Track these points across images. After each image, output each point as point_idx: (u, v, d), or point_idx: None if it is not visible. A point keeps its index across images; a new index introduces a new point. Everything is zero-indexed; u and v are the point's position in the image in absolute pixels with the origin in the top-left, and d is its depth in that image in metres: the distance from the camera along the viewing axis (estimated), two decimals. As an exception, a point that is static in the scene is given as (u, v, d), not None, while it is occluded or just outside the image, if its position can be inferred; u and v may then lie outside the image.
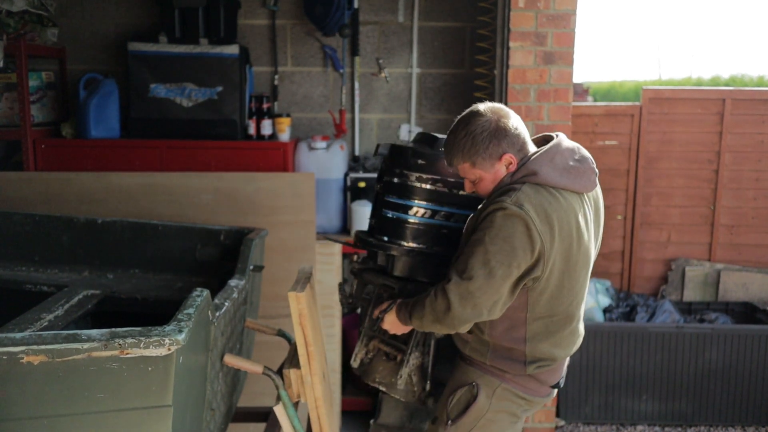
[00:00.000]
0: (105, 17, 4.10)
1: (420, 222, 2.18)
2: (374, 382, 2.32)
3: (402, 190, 2.19)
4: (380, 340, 2.33)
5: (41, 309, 2.25)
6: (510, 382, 2.11)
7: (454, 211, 2.16)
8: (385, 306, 2.19)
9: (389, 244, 2.21)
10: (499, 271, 1.89)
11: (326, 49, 4.11)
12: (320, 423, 2.19)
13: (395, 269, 2.23)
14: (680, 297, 4.49)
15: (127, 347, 1.46)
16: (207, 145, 3.74)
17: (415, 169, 2.17)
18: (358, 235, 2.35)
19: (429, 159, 2.16)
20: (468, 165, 1.99)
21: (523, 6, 3.36)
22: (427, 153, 2.17)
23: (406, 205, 2.18)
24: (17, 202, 3.36)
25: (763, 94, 4.55)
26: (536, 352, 2.07)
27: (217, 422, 2.13)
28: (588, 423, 4.01)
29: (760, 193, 4.51)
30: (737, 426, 3.99)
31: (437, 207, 2.17)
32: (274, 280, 3.24)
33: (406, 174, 2.18)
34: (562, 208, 1.95)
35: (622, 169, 4.48)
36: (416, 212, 2.17)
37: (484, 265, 1.90)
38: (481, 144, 1.95)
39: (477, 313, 1.95)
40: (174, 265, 2.82)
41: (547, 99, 3.43)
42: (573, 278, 2.01)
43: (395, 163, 2.21)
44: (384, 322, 2.19)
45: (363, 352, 2.35)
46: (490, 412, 2.12)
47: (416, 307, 2.07)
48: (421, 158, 2.16)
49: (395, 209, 2.20)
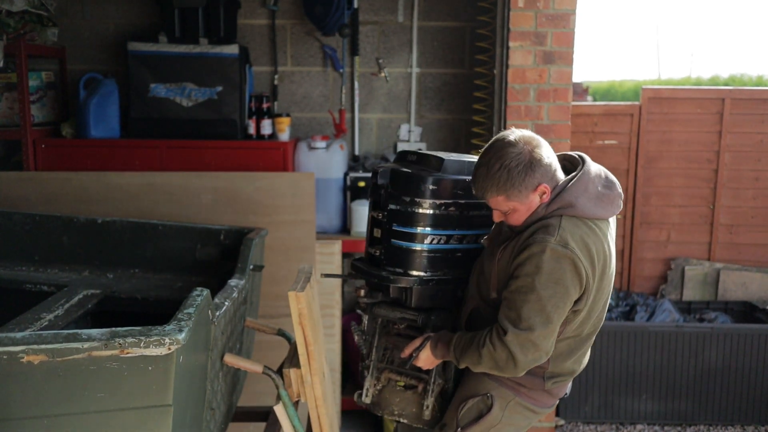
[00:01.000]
0: (105, 17, 4.10)
1: (435, 249, 2.08)
2: (393, 414, 2.22)
3: (412, 219, 2.06)
4: (392, 371, 2.25)
5: (41, 309, 2.25)
6: (524, 396, 2.10)
7: (467, 233, 2.10)
8: (418, 343, 2.12)
9: (405, 276, 2.09)
10: (555, 315, 1.90)
11: (326, 49, 4.11)
12: (320, 422, 2.19)
13: (413, 301, 2.12)
14: (680, 296, 4.50)
15: (128, 347, 1.47)
16: (207, 145, 3.74)
17: (427, 195, 2.04)
18: (361, 268, 2.20)
19: (439, 184, 2.04)
20: (503, 198, 1.92)
21: (522, 6, 3.36)
22: (437, 177, 2.04)
23: (418, 234, 2.06)
24: (17, 202, 3.36)
25: (763, 93, 4.55)
26: (558, 369, 2.08)
27: (218, 422, 2.13)
28: (588, 422, 4.01)
29: (760, 193, 4.51)
30: (737, 425, 3.99)
31: (451, 231, 2.08)
32: (274, 279, 3.25)
33: (418, 202, 2.04)
34: (599, 238, 1.95)
35: (622, 169, 4.48)
36: (431, 240, 2.07)
37: (541, 313, 1.88)
38: (517, 177, 1.88)
39: (540, 357, 1.95)
40: (174, 264, 2.82)
41: (547, 99, 3.43)
42: (603, 300, 2.04)
43: (403, 191, 2.07)
44: (418, 360, 2.12)
45: (374, 386, 2.25)
46: (501, 424, 2.12)
47: (468, 353, 2.00)
48: (432, 184, 2.04)
49: (406, 239, 2.07)
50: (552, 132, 3.45)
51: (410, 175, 2.07)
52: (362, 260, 2.24)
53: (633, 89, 12.42)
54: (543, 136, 3.39)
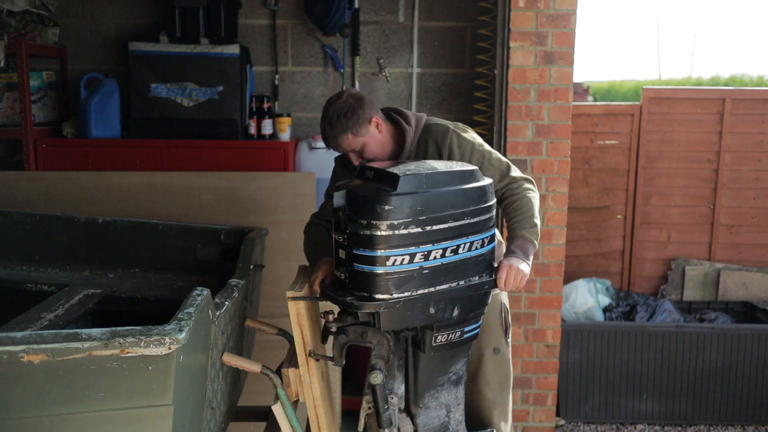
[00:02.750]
0: (106, 17, 4.11)
1: (399, 270, 1.95)
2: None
3: (371, 242, 1.93)
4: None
5: (42, 308, 2.25)
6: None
7: (431, 248, 1.97)
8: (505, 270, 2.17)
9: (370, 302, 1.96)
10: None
11: (327, 49, 4.11)
12: (319, 422, 2.19)
13: (382, 325, 2.01)
14: (680, 296, 4.50)
15: (128, 346, 1.47)
16: (208, 145, 3.74)
17: (383, 217, 1.91)
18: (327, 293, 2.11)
19: (395, 204, 1.91)
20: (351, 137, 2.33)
21: (523, 6, 3.36)
22: (391, 197, 1.92)
23: (379, 257, 1.92)
24: (18, 202, 3.36)
25: (763, 93, 4.55)
26: None
27: (218, 421, 2.14)
28: (588, 422, 4.01)
29: (760, 193, 4.51)
30: (737, 425, 3.99)
31: (414, 250, 1.95)
32: (275, 279, 3.24)
33: (375, 224, 1.91)
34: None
35: (622, 169, 4.48)
36: (393, 261, 1.94)
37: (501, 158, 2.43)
38: (352, 116, 2.31)
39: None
40: (174, 264, 2.82)
41: (547, 99, 3.43)
42: None
43: (359, 214, 1.94)
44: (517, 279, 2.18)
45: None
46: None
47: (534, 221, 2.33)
48: (387, 204, 1.91)
49: (368, 263, 1.94)
50: (552, 132, 3.46)
51: (365, 198, 1.95)
52: (331, 284, 2.14)
53: (633, 89, 12.42)
54: (543, 136, 3.45)
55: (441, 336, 2.09)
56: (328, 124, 2.32)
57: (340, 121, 2.30)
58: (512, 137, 3.46)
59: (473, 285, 2.07)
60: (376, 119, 2.35)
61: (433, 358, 2.16)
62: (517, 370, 3.64)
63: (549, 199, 3.50)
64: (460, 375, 2.27)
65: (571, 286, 4.19)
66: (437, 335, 2.08)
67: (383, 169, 2.05)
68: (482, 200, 2.05)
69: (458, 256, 2.02)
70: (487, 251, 2.10)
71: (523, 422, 3.68)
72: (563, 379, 3.90)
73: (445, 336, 2.10)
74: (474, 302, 2.11)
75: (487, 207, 2.06)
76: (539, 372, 3.66)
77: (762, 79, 12.12)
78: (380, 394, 2.11)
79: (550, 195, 3.50)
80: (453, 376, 2.25)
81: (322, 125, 2.35)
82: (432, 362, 2.17)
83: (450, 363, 2.22)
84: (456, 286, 2.03)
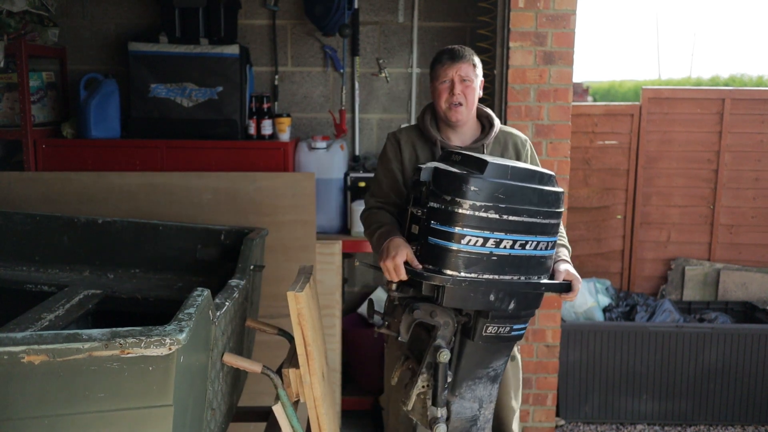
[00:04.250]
0: (105, 17, 4.11)
1: (471, 250, 2.06)
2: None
3: (451, 218, 2.06)
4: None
5: (42, 309, 2.25)
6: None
7: (504, 237, 2.07)
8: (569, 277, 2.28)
9: (439, 275, 2.09)
10: None
11: (326, 49, 4.11)
12: (319, 423, 2.19)
13: (444, 300, 2.11)
14: (680, 296, 4.50)
15: (128, 347, 1.47)
16: (207, 145, 3.74)
17: (468, 196, 2.04)
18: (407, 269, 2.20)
19: (480, 185, 2.05)
20: (474, 67, 2.46)
21: (523, 6, 3.36)
22: (478, 179, 2.06)
23: (455, 233, 2.06)
24: (18, 202, 3.36)
25: (763, 93, 4.55)
26: None
27: (218, 422, 2.14)
28: (588, 422, 4.01)
29: (760, 193, 4.52)
30: (737, 425, 3.99)
31: (489, 234, 2.06)
32: (275, 279, 3.24)
33: (458, 201, 2.05)
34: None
35: (622, 169, 4.49)
36: (468, 241, 2.06)
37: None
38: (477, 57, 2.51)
39: None
40: (174, 264, 2.82)
41: (547, 99, 3.44)
42: None
43: (444, 190, 2.08)
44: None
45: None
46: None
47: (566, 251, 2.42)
48: (473, 185, 2.04)
49: (444, 237, 2.08)
50: (552, 132, 3.46)
51: (453, 174, 2.08)
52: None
53: (633, 89, 12.43)
54: (543, 137, 3.45)
55: (492, 327, 2.17)
56: (460, 47, 2.46)
57: (472, 51, 2.47)
58: (512, 137, 3.46)
59: (532, 283, 2.16)
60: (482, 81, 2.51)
61: (478, 349, 2.22)
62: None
63: (549, 199, 3.49)
64: (498, 372, 2.31)
65: (571, 286, 4.18)
66: (489, 325, 2.16)
67: (472, 154, 2.22)
68: (555, 205, 2.15)
69: (525, 251, 2.12)
70: (549, 255, 2.20)
71: (523, 422, 3.68)
72: (563, 379, 3.90)
73: (496, 328, 2.18)
74: (530, 300, 2.20)
75: (557, 212, 2.17)
76: (539, 372, 3.67)
77: (762, 79, 12.13)
78: (442, 373, 2.17)
79: (550, 195, 3.49)
80: (492, 372, 2.29)
81: (453, 48, 2.46)
82: (476, 353, 2.23)
83: (492, 358, 2.27)
84: (517, 280, 2.13)
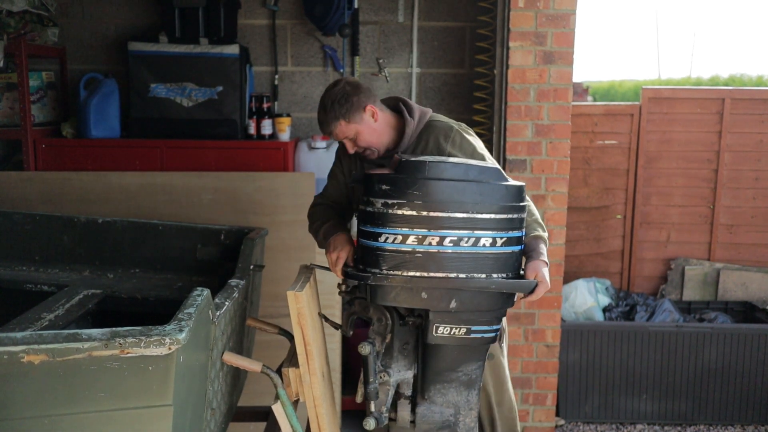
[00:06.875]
0: (105, 17, 4.11)
1: (391, 248, 2.04)
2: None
3: (370, 217, 2.09)
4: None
5: (42, 308, 2.25)
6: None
7: (426, 233, 2.01)
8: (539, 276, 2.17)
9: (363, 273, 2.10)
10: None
11: (326, 49, 4.11)
12: (319, 422, 2.19)
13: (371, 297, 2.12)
14: (680, 296, 4.50)
15: (128, 347, 1.47)
16: (207, 145, 3.74)
17: (378, 194, 2.05)
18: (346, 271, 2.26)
19: (391, 183, 2.04)
20: (344, 123, 2.33)
21: (522, 6, 3.36)
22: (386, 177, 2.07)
23: (372, 232, 2.06)
24: (17, 202, 3.36)
25: (763, 93, 4.55)
26: None
27: (218, 421, 2.14)
28: (588, 422, 4.01)
29: (760, 193, 4.52)
30: (736, 425, 3.99)
31: (407, 231, 2.02)
32: (275, 279, 3.24)
33: (371, 201, 2.08)
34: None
35: (622, 169, 4.48)
36: (385, 239, 2.04)
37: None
38: (345, 102, 2.32)
39: None
40: (174, 264, 2.82)
41: (547, 99, 3.44)
42: None
43: (364, 191, 2.14)
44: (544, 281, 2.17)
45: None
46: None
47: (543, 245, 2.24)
48: (383, 183, 2.05)
49: (365, 237, 2.10)
50: (552, 132, 3.46)
51: (368, 176, 2.13)
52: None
53: (633, 89, 12.43)
54: (543, 136, 3.45)
55: (443, 327, 2.10)
56: (322, 109, 2.34)
57: (333, 108, 2.31)
58: (512, 137, 3.46)
59: (476, 281, 2.03)
60: (372, 107, 2.35)
61: (440, 351, 2.17)
62: (517, 370, 3.64)
63: (548, 199, 3.50)
64: (472, 378, 2.25)
65: (571, 286, 4.19)
66: (438, 325, 2.10)
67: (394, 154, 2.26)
68: (504, 199, 2.05)
69: (462, 248, 2.01)
70: (508, 251, 2.07)
71: (523, 422, 3.68)
72: (563, 379, 3.90)
73: (448, 329, 2.11)
74: (481, 300, 2.08)
75: (509, 206, 2.06)
76: (539, 372, 3.67)
77: (762, 79, 12.14)
78: (371, 366, 2.14)
79: (550, 195, 3.50)
80: (463, 377, 2.24)
81: (318, 111, 2.37)
82: (439, 355, 2.18)
83: (460, 361, 2.22)
84: (455, 277, 2.02)
